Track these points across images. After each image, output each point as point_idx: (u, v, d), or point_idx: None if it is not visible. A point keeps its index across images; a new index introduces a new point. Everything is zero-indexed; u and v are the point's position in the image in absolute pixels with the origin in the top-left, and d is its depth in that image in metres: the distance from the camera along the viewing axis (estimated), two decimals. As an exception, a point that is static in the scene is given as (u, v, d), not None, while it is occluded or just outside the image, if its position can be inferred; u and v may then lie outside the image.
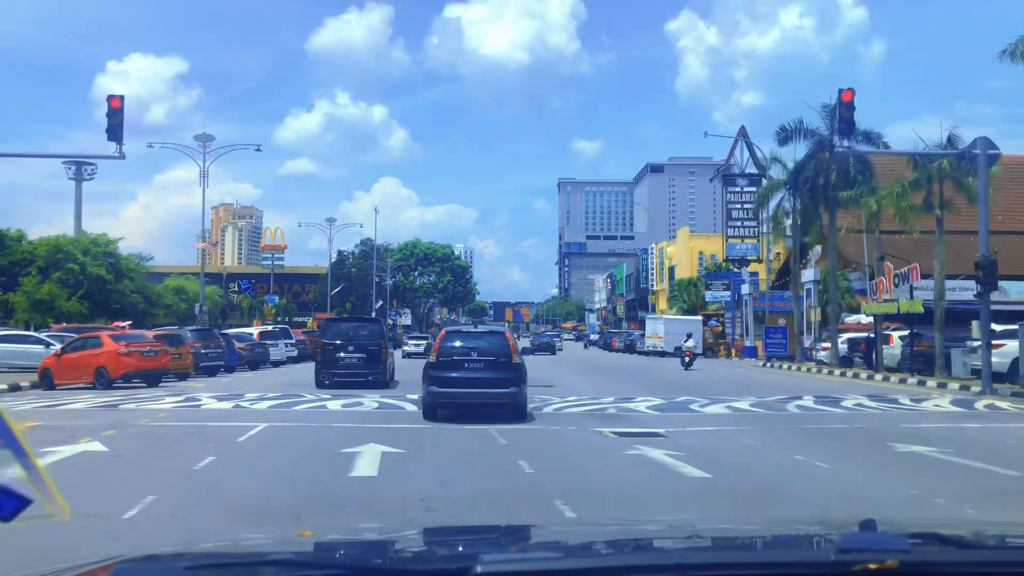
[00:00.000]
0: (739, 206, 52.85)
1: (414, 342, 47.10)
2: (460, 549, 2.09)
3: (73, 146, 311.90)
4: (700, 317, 53.57)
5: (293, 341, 37.31)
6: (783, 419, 16.31)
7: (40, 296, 52.17)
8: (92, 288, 54.02)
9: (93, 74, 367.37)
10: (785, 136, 33.00)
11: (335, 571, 1.58)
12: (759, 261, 52.56)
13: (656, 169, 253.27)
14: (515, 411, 14.75)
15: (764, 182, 52.15)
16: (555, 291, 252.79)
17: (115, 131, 20.64)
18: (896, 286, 26.59)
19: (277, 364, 35.05)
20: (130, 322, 40.30)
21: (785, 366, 36.06)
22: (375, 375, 21.67)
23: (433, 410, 14.67)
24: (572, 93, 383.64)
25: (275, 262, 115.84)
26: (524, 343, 46.60)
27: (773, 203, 38.26)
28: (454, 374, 14.58)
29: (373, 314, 64.27)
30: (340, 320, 28.30)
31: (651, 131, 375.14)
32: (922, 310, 24.98)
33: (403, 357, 40.63)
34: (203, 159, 41.57)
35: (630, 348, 56.01)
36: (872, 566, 1.56)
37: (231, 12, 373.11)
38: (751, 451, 11.96)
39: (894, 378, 26.23)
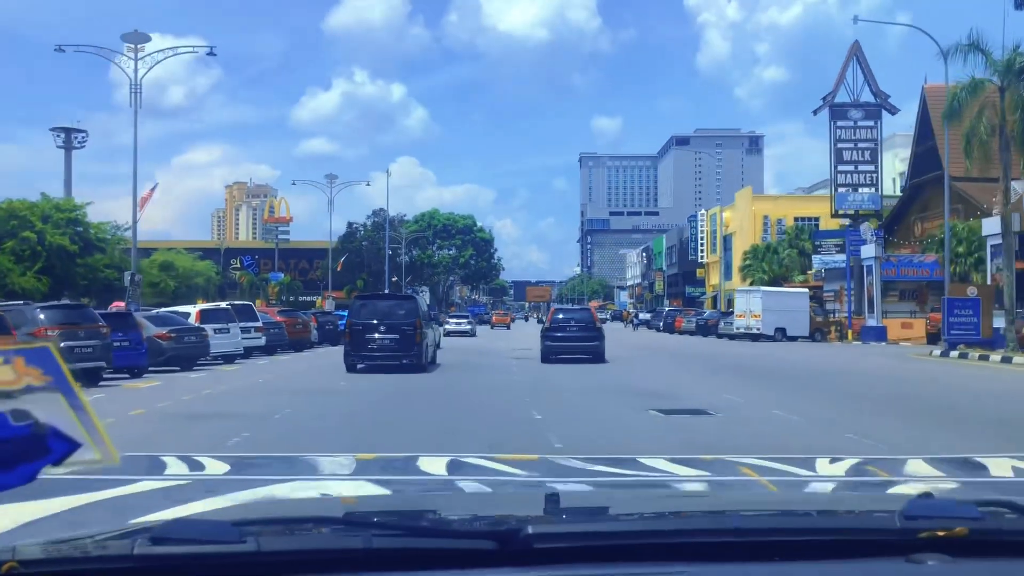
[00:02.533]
0: (852, 145, 40.19)
1: (455, 320, 48.46)
2: (508, 511, 1.91)
3: (90, 128, 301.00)
4: (806, 289, 40.81)
5: (259, 324, 25.14)
6: None
7: (-12, 269, 41.86)
8: (53, 261, 44.74)
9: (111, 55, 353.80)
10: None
11: (392, 531, 1.50)
12: (878, 217, 39.94)
13: (681, 141, 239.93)
14: (596, 356, 22.30)
15: (883, 115, 39.61)
16: (577, 269, 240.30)
17: None
18: None
19: (231, 358, 22.93)
20: (125, 302, 30.29)
21: (995, 358, 23.49)
22: (409, 358, 19.49)
23: (548, 356, 22.52)
24: (592, 70, 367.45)
25: (280, 236, 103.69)
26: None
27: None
28: (559, 334, 22.94)
29: (386, 291, 59.36)
30: (372, 297, 23.89)
31: (672, 108, 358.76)
32: None
33: (444, 335, 37.31)
34: (135, 67, 29.17)
35: (706, 330, 43.42)
36: (940, 533, 1.45)
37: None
38: None
39: None
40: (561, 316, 24.18)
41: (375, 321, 19.68)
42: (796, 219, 68.99)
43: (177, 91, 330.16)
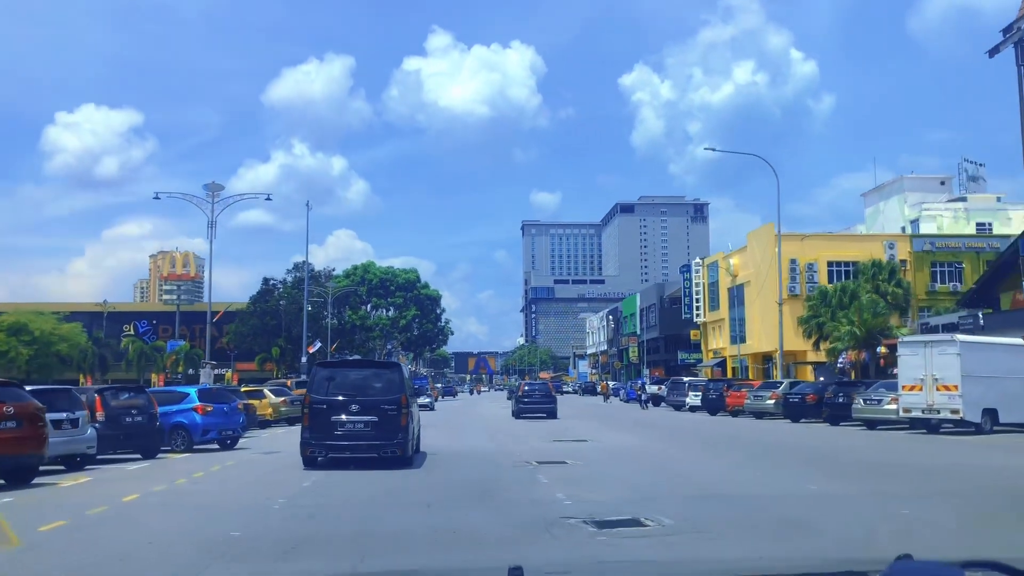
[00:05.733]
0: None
1: None
2: None
3: (22, 199, 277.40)
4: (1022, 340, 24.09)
5: None
6: None
7: None
8: None
9: (42, 126, 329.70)
10: None
11: None
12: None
13: (626, 209, 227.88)
14: (552, 413, 33.15)
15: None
16: (520, 340, 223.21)
17: None
18: None
19: None
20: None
21: None
22: (391, 448, 14.27)
23: (519, 414, 33.74)
24: (532, 146, 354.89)
25: (181, 297, 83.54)
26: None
27: None
28: (527, 399, 34.98)
29: (304, 360, 49.38)
30: (340, 366, 17.80)
31: (610, 182, 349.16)
32: None
33: None
34: None
35: (799, 410, 26.40)
36: None
37: (188, 64, 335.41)
38: None
39: None
40: (527, 387, 37.60)
41: (343, 398, 14.42)
42: (830, 263, 53.60)
43: (111, 161, 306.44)
